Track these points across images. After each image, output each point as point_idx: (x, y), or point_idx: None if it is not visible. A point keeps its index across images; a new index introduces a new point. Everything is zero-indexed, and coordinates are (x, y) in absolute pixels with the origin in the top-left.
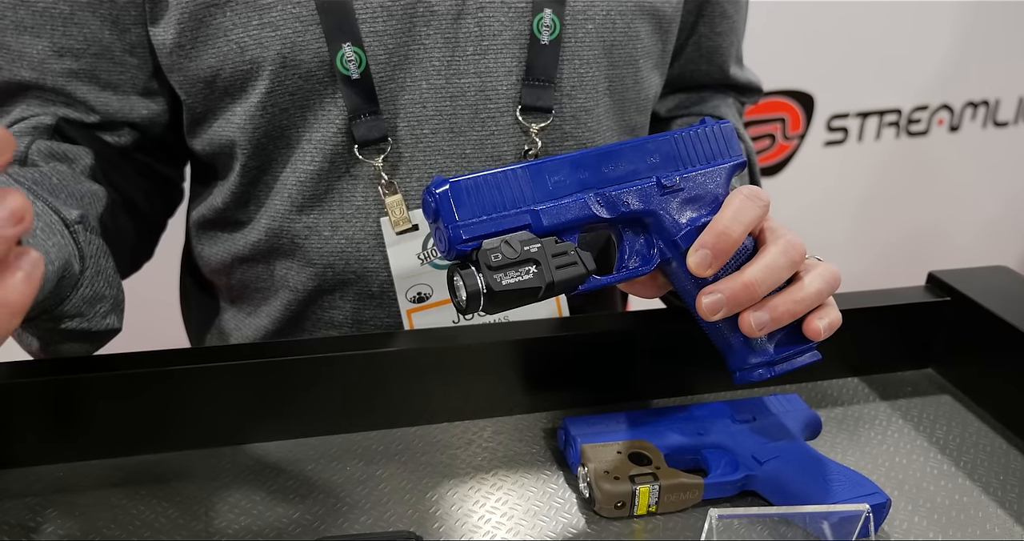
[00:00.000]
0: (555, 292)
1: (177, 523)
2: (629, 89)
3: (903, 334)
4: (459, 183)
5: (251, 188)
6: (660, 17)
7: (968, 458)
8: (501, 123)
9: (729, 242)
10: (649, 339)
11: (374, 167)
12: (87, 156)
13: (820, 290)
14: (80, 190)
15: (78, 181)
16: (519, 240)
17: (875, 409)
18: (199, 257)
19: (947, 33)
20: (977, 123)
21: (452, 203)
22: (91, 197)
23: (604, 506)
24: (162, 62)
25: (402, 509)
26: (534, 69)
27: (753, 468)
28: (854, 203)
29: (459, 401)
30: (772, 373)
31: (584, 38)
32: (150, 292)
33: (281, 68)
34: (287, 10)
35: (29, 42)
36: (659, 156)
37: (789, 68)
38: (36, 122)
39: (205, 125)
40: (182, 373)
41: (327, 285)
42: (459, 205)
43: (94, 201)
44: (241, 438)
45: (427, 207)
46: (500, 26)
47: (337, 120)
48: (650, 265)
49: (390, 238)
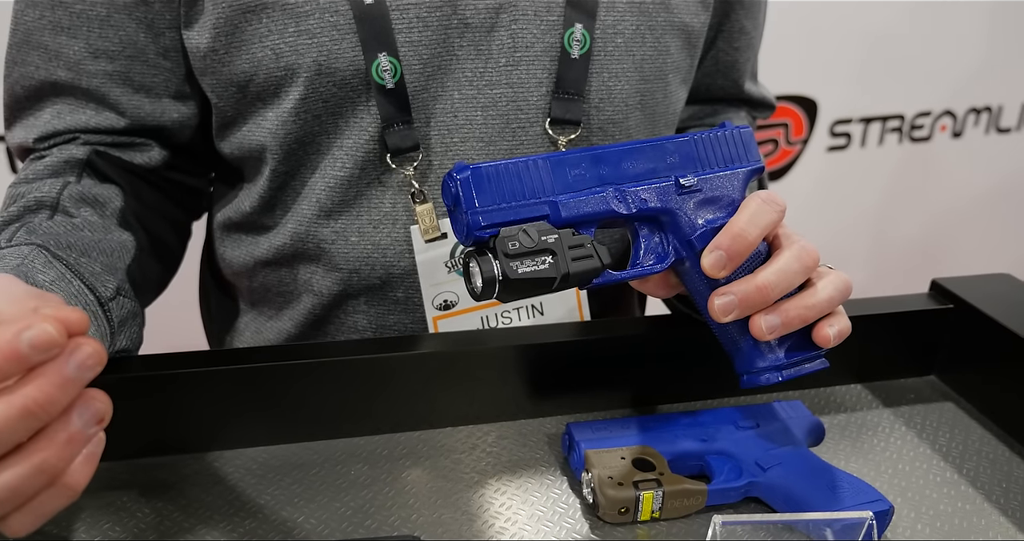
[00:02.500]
0: (570, 284)
1: (182, 526)
2: (659, 103)
3: (906, 341)
4: (480, 169)
5: (279, 193)
6: (689, 32)
7: (971, 465)
8: (530, 134)
9: (744, 244)
10: (653, 345)
11: (404, 175)
12: (117, 198)
13: (832, 297)
14: (110, 243)
15: (108, 231)
16: (537, 230)
17: (878, 416)
18: (221, 259)
19: (951, 39)
20: (980, 129)
21: (473, 189)
22: (120, 250)
23: (608, 512)
24: (194, 65)
25: (406, 513)
26: (564, 82)
27: (757, 474)
28: (857, 208)
29: (464, 405)
30: (779, 378)
31: (614, 52)
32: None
33: (316, 75)
34: (324, 18)
35: (66, 43)
36: (679, 156)
37: (793, 73)
38: (68, 156)
39: (235, 129)
40: (187, 376)
41: (352, 290)
42: (479, 191)
43: (123, 253)
44: (246, 442)
45: (447, 192)
46: (532, 39)
47: (370, 128)
48: (664, 263)
49: (419, 245)
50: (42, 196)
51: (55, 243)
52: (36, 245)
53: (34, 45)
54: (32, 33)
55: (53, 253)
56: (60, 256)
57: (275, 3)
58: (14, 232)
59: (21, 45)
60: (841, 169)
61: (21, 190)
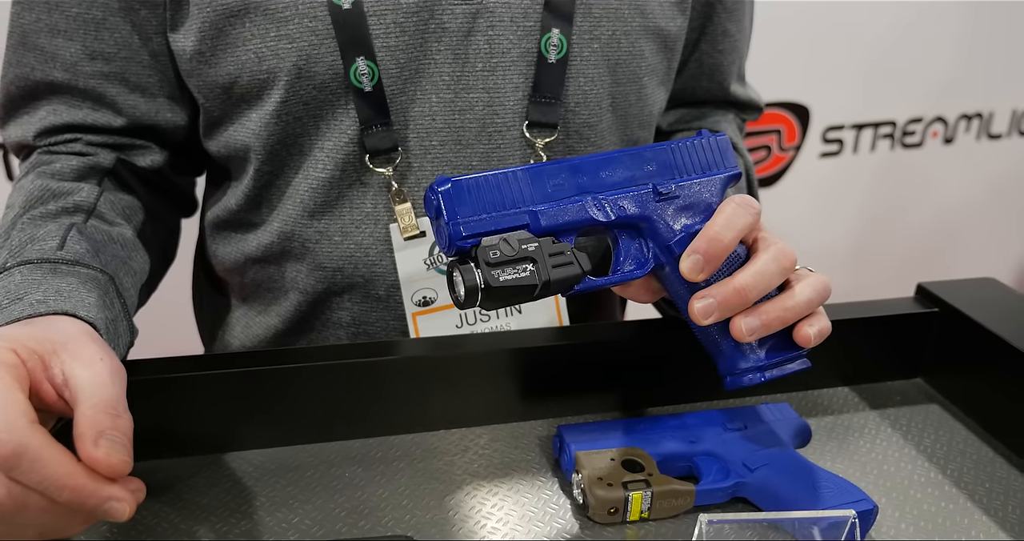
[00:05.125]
0: (551, 291)
1: (178, 528)
2: (632, 105)
3: (892, 344)
4: (461, 182)
5: (264, 192)
6: (665, 36)
7: (955, 466)
8: (507, 137)
9: (720, 247)
10: (642, 348)
11: (384, 176)
12: (140, 211)
13: (811, 299)
14: (135, 265)
15: (135, 250)
16: (517, 239)
17: (864, 418)
18: (213, 256)
19: (942, 46)
20: (971, 135)
21: (454, 201)
22: (140, 272)
23: (597, 512)
24: (181, 68)
25: (399, 514)
26: (541, 86)
27: (744, 475)
28: (849, 214)
29: (456, 409)
30: (762, 378)
31: (590, 57)
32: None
33: (296, 79)
34: (304, 23)
35: (62, 45)
36: (656, 164)
37: (785, 80)
38: (93, 162)
39: (221, 129)
40: (183, 380)
41: (335, 288)
42: (460, 203)
43: (141, 274)
44: (241, 444)
45: (429, 204)
46: (509, 44)
47: (349, 130)
48: (644, 269)
49: (398, 244)
50: (80, 201)
51: (112, 270)
52: (106, 275)
53: (30, 47)
54: (28, 35)
55: (118, 291)
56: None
57: (257, 7)
58: (64, 232)
59: (17, 47)
60: (834, 175)
61: (52, 186)
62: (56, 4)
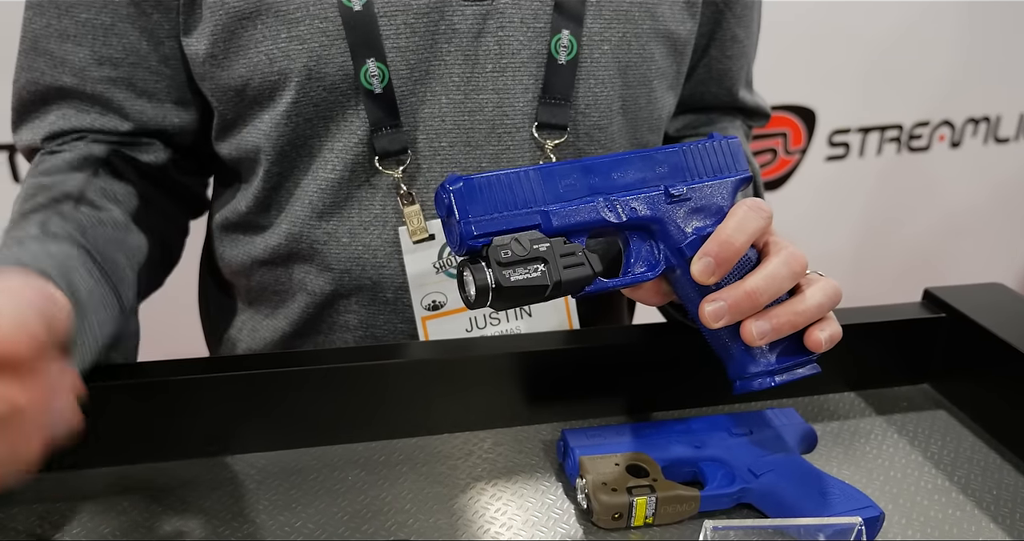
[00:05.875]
0: (562, 292)
1: (180, 531)
2: (642, 108)
3: (899, 350)
4: (473, 181)
5: (273, 193)
6: (675, 40)
7: (962, 473)
8: (517, 139)
9: (732, 251)
10: (647, 353)
11: (393, 177)
12: (134, 198)
13: (821, 303)
14: (129, 244)
15: (128, 231)
16: (529, 239)
17: (871, 424)
18: (220, 258)
19: (949, 49)
20: (978, 139)
21: (466, 199)
22: (136, 251)
23: (602, 517)
24: (194, 71)
25: (402, 518)
26: (551, 88)
27: (749, 481)
28: (855, 218)
29: (460, 412)
30: (772, 383)
31: (600, 59)
32: (167, 292)
33: (307, 80)
34: (314, 25)
35: (71, 50)
36: (667, 166)
37: (791, 83)
38: (87, 153)
39: (234, 131)
40: (186, 383)
41: (343, 290)
42: (472, 202)
43: (137, 254)
44: (244, 448)
45: (440, 203)
46: (519, 45)
47: (359, 132)
48: (655, 271)
49: (407, 246)
50: (68, 189)
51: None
52: (80, 247)
53: (41, 52)
54: (39, 40)
55: (91, 255)
56: (95, 258)
57: (269, 9)
58: (46, 218)
59: (29, 52)
60: (840, 179)
61: (44, 181)
62: (66, 9)
